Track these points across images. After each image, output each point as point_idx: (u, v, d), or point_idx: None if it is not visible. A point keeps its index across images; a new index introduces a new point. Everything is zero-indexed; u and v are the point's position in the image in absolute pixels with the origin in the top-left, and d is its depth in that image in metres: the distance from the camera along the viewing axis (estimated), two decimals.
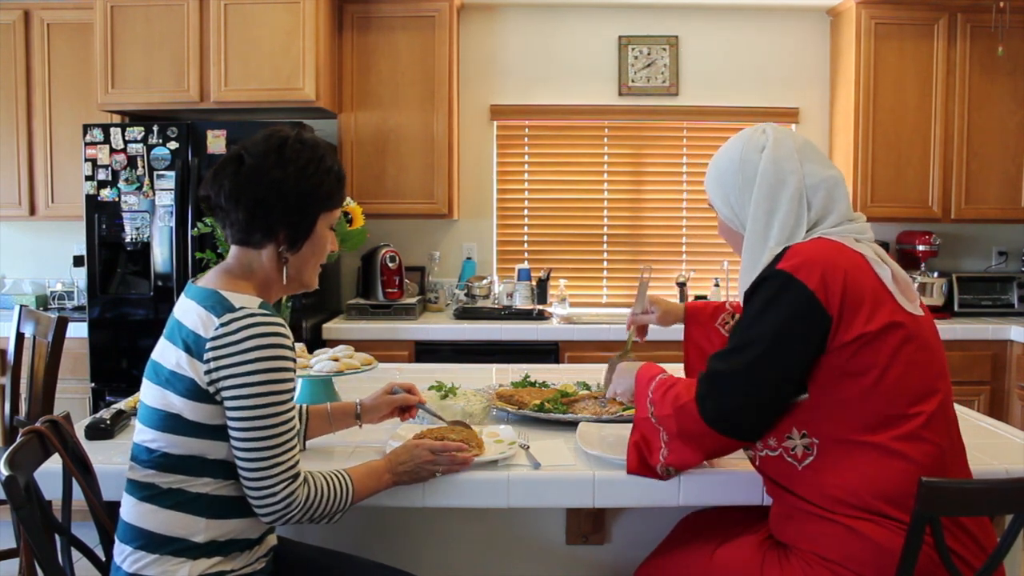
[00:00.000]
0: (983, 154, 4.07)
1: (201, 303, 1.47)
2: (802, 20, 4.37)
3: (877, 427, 1.43)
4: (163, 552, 1.44)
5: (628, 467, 1.65)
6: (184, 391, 1.44)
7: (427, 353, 3.73)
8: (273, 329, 1.43)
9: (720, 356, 1.52)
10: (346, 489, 1.52)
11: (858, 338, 1.43)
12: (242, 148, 1.53)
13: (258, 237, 1.52)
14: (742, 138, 1.65)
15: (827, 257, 1.48)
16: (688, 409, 1.51)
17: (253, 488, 1.43)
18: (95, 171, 3.59)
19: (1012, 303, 4.17)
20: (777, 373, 1.46)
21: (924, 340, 1.49)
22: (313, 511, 1.48)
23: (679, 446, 1.56)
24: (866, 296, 1.45)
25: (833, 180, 1.58)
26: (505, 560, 2.00)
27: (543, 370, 2.66)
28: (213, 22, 3.71)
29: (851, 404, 1.44)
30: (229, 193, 1.50)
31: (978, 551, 1.42)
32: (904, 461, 1.41)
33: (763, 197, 1.57)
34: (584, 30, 4.37)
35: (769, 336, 1.45)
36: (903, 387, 1.44)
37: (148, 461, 1.46)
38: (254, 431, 1.41)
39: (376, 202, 3.97)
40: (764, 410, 1.49)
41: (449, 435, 1.73)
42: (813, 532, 1.46)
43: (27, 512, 1.36)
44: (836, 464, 1.44)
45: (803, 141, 1.63)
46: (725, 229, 1.71)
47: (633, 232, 4.47)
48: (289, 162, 1.51)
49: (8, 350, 3.03)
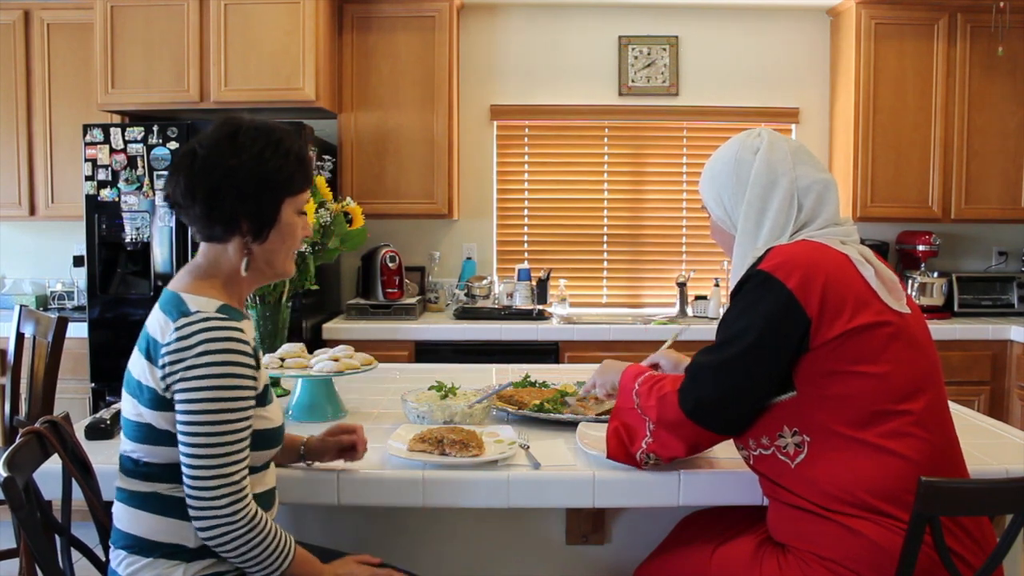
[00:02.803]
0: (983, 154, 4.07)
1: (161, 307, 1.44)
2: (802, 20, 4.37)
3: (866, 423, 1.44)
4: (157, 556, 1.43)
5: (608, 452, 1.67)
6: (147, 401, 1.41)
7: (427, 353, 3.73)
8: (227, 335, 1.39)
9: (704, 351, 1.56)
10: (288, 545, 1.45)
11: (841, 335, 1.44)
12: (196, 141, 1.48)
13: (219, 230, 1.47)
14: (737, 141, 1.68)
15: (809, 258, 1.49)
16: (669, 399, 1.55)
17: (194, 498, 1.37)
18: (95, 171, 3.59)
19: (1012, 303, 4.17)
20: (755, 370, 1.48)
21: (912, 337, 1.50)
22: (253, 539, 1.38)
23: (662, 434, 1.59)
24: (848, 297, 1.46)
25: (824, 183, 1.60)
26: (505, 560, 2.00)
27: (543, 370, 2.66)
28: (213, 22, 3.71)
29: (839, 400, 1.45)
30: (185, 188, 1.45)
31: (977, 551, 1.42)
32: (894, 457, 1.41)
33: (755, 197, 1.60)
34: (584, 30, 4.37)
35: (749, 334, 1.48)
36: (891, 384, 1.44)
37: (133, 471, 1.45)
38: (200, 437, 1.35)
39: (376, 202, 3.97)
40: (740, 405, 1.51)
41: (448, 435, 1.73)
42: (810, 531, 1.47)
43: (26, 513, 1.35)
44: (828, 461, 1.45)
45: (797, 145, 1.65)
46: (717, 230, 1.73)
47: (633, 232, 4.47)
48: (243, 149, 1.45)
49: (8, 350, 3.03)
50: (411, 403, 2.01)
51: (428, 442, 1.73)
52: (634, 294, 4.48)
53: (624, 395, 1.70)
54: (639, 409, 1.63)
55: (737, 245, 1.63)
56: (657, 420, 1.58)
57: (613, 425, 1.69)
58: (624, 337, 3.78)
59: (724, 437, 1.58)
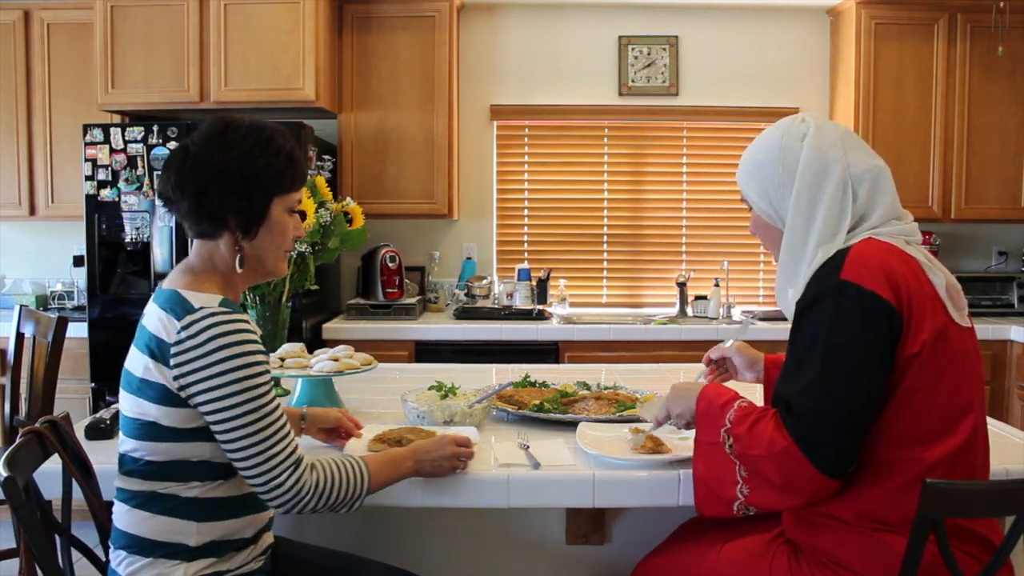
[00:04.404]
0: (983, 154, 4.07)
1: (161, 306, 1.44)
2: (802, 20, 4.37)
3: (918, 443, 1.38)
4: (157, 556, 1.43)
5: (699, 508, 1.52)
6: (156, 397, 1.41)
7: (427, 353, 3.73)
8: (235, 326, 1.40)
9: (807, 390, 1.38)
10: (361, 473, 1.49)
11: (918, 352, 1.36)
12: (189, 139, 1.50)
13: (208, 226, 1.48)
14: (780, 127, 1.56)
15: (885, 261, 1.40)
16: (792, 456, 1.36)
17: (258, 485, 1.41)
18: (95, 171, 3.59)
19: (1012, 303, 4.17)
20: (875, 393, 1.37)
21: (967, 353, 1.44)
22: (328, 496, 1.44)
23: (763, 487, 1.43)
24: (926, 304, 1.39)
25: (878, 170, 1.50)
26: (505, 560, 2.00)
27: (543, 370, 2.66)
28: (213, 22, 3.71)
29: (894, 420, 1.39)
30: (175, 184, 1.47)
31: (982, 551, 1.41)
32: (938, 478, 1.35)
33: (805, 187, 1.49)
34: (584, 30, 4.37)
35: (858, 358, 1.35)
36: (947, 401, 1.39)
37: (135, 470, 1.45)
38: (241, 430, 1.38)
39: (376, 202, 3.97)
40: (852, 428, 1.37)
41: (408, 435, 1.74)
42: (832, 537, 1.43)
43: (26, 512, 1.35)
44: (871, 481, 1.40)
45: (844, 129, 1.55)
46: (761, 225, 1.61)
47: (633, 232, 4.47)
48: (233, 145, 1.46)
49: (8, 350, 3.03)
50: (411, 403, 2.01)
51: (387, 442, 1.73)
52: (634, 294, 4.48)
53: (706, 427, 1.52)
54: (731, 452, 1.46)
55: (787, 239, 1.52)
56: (781, 484, 1.40)
57: (698, 473, 1.51)
58: (624, 337, 3.78)
59: (825, 480, 1.37)
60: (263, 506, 1.53)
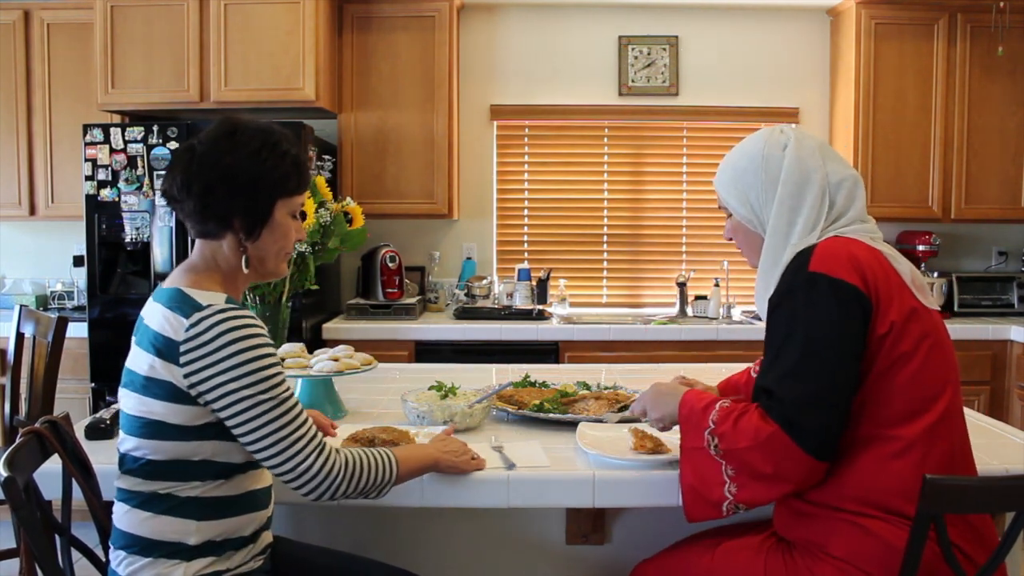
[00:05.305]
0: (983, 154, 4.07)
1: (166, 304, 1.44)
2: (802, 20, 4.37)
3: (894, 423, 1.42)
4: (157, 555, 1.44)
5: (688, 514, 1.53)
6: (163, 395, 1.41)
7: (427, 353, 3.73)
8: (244, 321, 1.41)
9: (788, 376, 1.42)
10: (388, 457, 1.51)
11: (888, 332, 1.42)
12: (196, 139, 1.51)
13: (213, 227, 1.49)
14: (761, 137, 1.63)
15: (851, 252, 1.47)
16: (779, 440, 1.39)
17: (287, 475, 1.41)
18: (95, 171, 3.59)
19: (1012, 303, 4.17)
20: (853, 375, 1.42)
21: (939, 336, 1.49)
22: (359, 479, 1.45)
23: (751, 482, 1.45)
24: (892, 289, 1.46)
25: (853, 179, 1.58)
26: (505, 560, 2.00)
27: (543, 370, 2.66)
28: (213, 22, 3.71)
29: (869, 400, 1.43)
30: (181, 183, 1.48)
31: (980, 548, 1.42)
32: (917, 457, 1.40)
33: (788, 195, 1.56)
34: (584, 30, 4.37)
35: (835, 342, 1.41)
36: (921, 382, 1.43)
37: (135, 470, 1.45)
38: (261, 419, 1.39)
39: (376, 202, 3.97)
40: (834, 408, 1.41)
41: (380, 435, 1.75)
42: (820, 529, 1.46)
43: (26, 512, 1.35)
44: (851, 461, 1.44)
45: (821, 140, 1.63)
46: (740, 230, 1.66)
47: (633, 232, 4.47)
48: (240, 147, 1.47)
49: (8, 350, 3.03)
50: (411, 403, 2.01)
51: (360, 441, 1.74)
52: (634, 294, 4.48)
53: (690, 432, 1.54)
54: (716, 452, 1.48)
55: (768, 244, 1.58)
56: (772, 473, 1.42)
57: (686, 480, 1.53)
58: (624, 337, 3.78)
59: (813, 463, 1.40)
60: (262, 505, 1.53)
